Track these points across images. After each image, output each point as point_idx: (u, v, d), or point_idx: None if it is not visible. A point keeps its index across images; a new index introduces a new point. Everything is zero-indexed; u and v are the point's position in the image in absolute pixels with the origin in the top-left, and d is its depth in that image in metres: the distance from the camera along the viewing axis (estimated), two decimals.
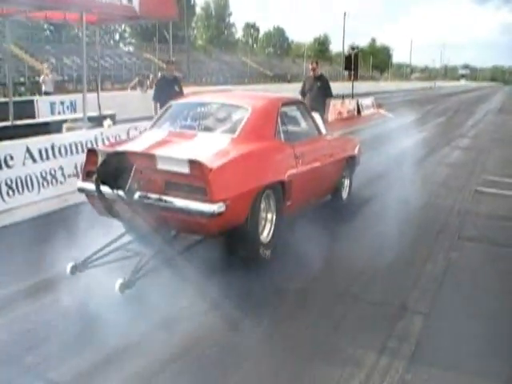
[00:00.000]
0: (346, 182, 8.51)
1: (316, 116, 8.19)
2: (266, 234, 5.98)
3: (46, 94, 20.97)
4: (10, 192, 7.56)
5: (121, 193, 5.10)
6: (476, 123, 24.80)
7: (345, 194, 8.49)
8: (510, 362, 4.19)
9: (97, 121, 10.68)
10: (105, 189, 5.13)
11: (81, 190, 5.83)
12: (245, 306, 4.90)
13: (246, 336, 4.42)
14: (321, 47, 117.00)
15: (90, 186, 5.37)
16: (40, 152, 8.03)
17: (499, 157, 14.50)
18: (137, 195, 5.14)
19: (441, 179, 10.79)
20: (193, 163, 4.92)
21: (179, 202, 5.01)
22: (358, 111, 26.51)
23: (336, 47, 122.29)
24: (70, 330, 4.43)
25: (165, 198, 5.08)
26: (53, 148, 8.20)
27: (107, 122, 9.81)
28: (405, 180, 10.44)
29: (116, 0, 9.66)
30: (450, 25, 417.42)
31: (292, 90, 25.41)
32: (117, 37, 79.13)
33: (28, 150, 7.87)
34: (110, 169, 5.06)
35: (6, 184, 7.52)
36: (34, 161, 7.96)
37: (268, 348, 4.29)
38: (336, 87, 22.56)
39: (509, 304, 5.23)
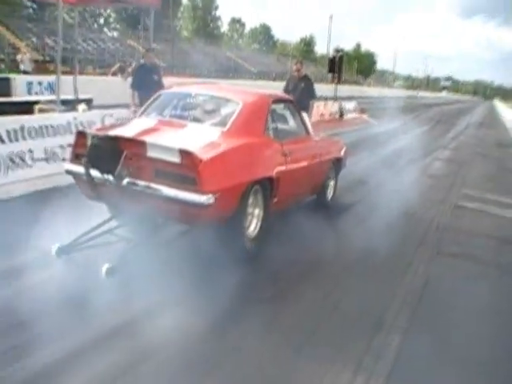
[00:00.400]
0: (332, 183, 8.55)
1: (305, 116, 8.29)
2: (252, 229, 6.02)
3: (25, 73, 20.45)
4: None
5: (110, 177, 5.09)
6: (457, 135, 24.79)
7: (330, 195, 8.53)
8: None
9: (72, 104, 10.25)
10: (94, 172, 5.19)
11: (68, 172, 5.77)
12: (214, 308, 4.62)
13: (211, 345, 4.14)
14: (306, 48, 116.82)
15: (78, 168, 5.42)
16: (8, 133, 7.63)
17: (479, 171, 14.41)
18: (125, 181, 5.09)
19: (421, 191, 10.52)
20: (184, 153, 4.90)
21: (168, 191, 4.97)
22: (341, 114, 26.33)
23: (321, 49, 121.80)
24: (50, 315, 4.25)
25: (153, 185, 5.04)
26: (22, 130, 7.81)
27: (82, 107, 9.44)
28: (385, 189, 10.22)
29: None
30: (436, 36, 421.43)
31: (276, 88, 25.22)
32: (101, 21, 78.04)
33: None
34: (100, 153, 5.11)
35: None
36: (2, 141, 7.58)
37: (233, 360, 4.00)
38: (320, 89, 22.34)
39: (486, 326, 5.01)
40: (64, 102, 10.40)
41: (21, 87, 18.24)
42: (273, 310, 4.78)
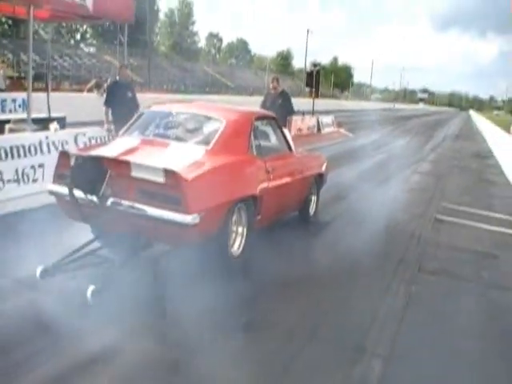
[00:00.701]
0: (314, 199, 8.56)
1: (286, 132, 8.34)
2: (236, 247, 6.02)
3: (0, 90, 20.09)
4: None
5: (94, 198, 5.06)
6: (435, 147, 24.88)
7: (312, 210, 8.54)
8: None
9: (44, 123, 10.01)
10: (77, 193, 5.14)
11: (51, 193, 5.72)
12: (187, 335, 4.41)
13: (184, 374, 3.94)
14: (283, 62, 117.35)
15: (61, 189, 5.39)
16: None
17: (457, 183, 14.41)
18: (109, 201, 5.07)
19: (400, 205, 10.42)
20: (168, 173, 4.87)
21: (152, 211, 4.93)
22: (318, 129, 26.30)
23: (299, 63, 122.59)
24: (35, 339, 4.21)
25: (138, 205, 5.00)
26: None
27: (54, 126, 9.22)
28: (364, 204, 10.13)
29: None
30: (411, 49, 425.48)
31: (254, 103, 25.14)
32: (78, 37, 77.65)
33: None
34: (83, 173, 5.06)
35: None
36: None
37: None
38: (298, 103, 22.29)
39: (471, 346, 4.86)
40: (36, 121, 10.18)
41: None
42: (249, 337, 4.61)
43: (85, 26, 74.31)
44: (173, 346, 4.33)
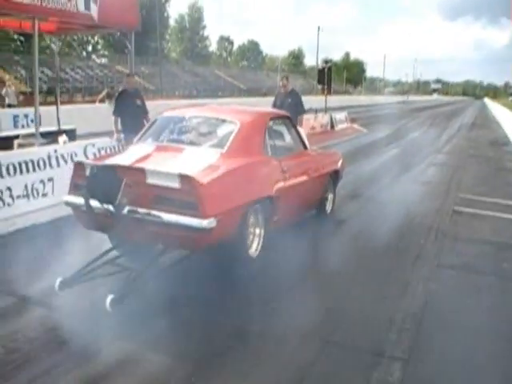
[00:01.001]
0: (330, 196, 8.52)
1: (301, 130, 8.29)
2: (254, 249, 6.00)
3: (10, 106, 20.18)
4: None
5: (110, 207, 5.04)
6: (450, 138, 24.54)
7: (329, 208, 8.50)
8: None
9: (53, 136, 9.97)
10: (94, 203, 5.13)
11: (68, 204, 5.72)
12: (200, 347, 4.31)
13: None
14: (295, 61, 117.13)
15: (78, 199, 5.41)
16: None
17: (475, 174, 14.14)
18: (126, 210, 5.05)
19: (417, 198, 10.28)
20: (183, 178, 4.87)
21: (169, 217, 4.91)
22: (332, 126, 26.11)
23: (310, 61, 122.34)
24: (55, 351, 4.21)
25: (154, 212, 4.98)
26: None
27: (62, 138, 9.17)
28: (378, 200, 10.02)
29: (71, 7, 9.05)
30: (423, 40, 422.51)
31: (267, 104, 25.10)
32: (90, 48, 78.08)
33: None
34: (99, 183, 5.05)
35: None
36: None
37: None
38: (310, 101, 22.27)
39: (495, 344, 4.64)
40: (45, 135, 10.16)
41: (6, 121, 17.92)
42: (264, 342, 4.49)
43: (96, 38, 74.71)
44: (188, 356, 4.24)
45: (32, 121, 18.98)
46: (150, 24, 64.07)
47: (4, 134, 11.62)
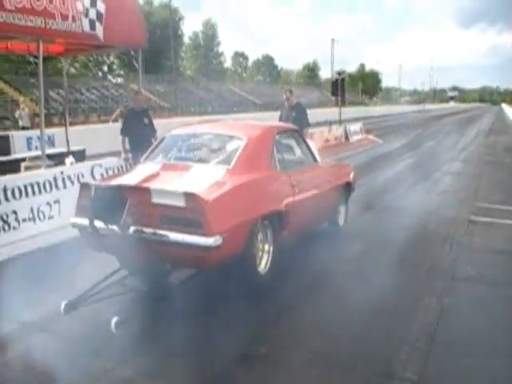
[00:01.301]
0: (343, 209, 8.38)
1: (311, 143, 8.18)
2: (263, 265, 5.87)
3: (23, 128, 20.27)
4: None
5: (115, 228, 4.98)
6: (466, 146, 24.20)
7: (341, 221, 8.34)
8: None
9: (61, 158, 9.92)
10: (99, 224, 5.10)
11: (74, 226, 5.69)
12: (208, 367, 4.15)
13: None
14: (310, 73, 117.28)
15: (84, 221, 5.35)
16: None
17: (491, 181, 13.84)
18: (131, 230, 4.99)
19: (432, 208, 10.06)
20: (188, 196, 4.82)
21: (175, 236, 4.85)
22: (346, 137, 25.93)
23: (326, 73, 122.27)
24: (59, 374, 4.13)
25: (160, 232, 4.92)
26: (5, 190, 7.41)
27: (69, 160, 9.11)
28: (392, 211, 9.83)
29: (76, 27, 9.02)
30: (438, 48, 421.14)
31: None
32: (105, 69, 78.76)
33: None
34: (103, 203, 5.03)
35: None
36: None
37: None
38: (325, 113, 22.12)
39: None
40: (54, 156, 10.13)
41: (20, 143, 18.01)
42: (267, 367, 4.32)
43: (111, 58, 75.46)
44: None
45: (45, 142, 19.15)
46: (165, 42, 64.68)
47: (12, 157, 11.53)
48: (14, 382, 4.15)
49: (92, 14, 9.34)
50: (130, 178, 5.80)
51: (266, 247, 5.93)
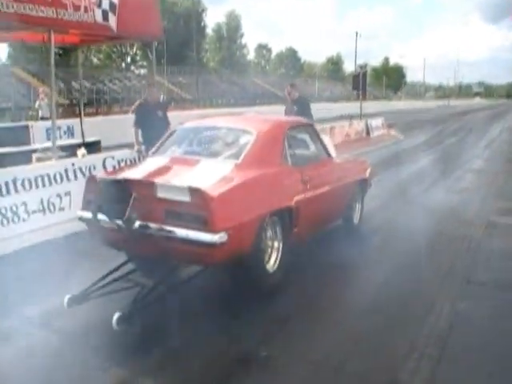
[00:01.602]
0: (358, 206, 8.17)
1: (325, 138, 7.94)
2: (272, 263, 5.70)
3: (43, 119, 20.22)
4: None
5: (119, 222, 4.89)
6: (490, 143, 23.72)
7: (356, 219, 8.15)
8: None
9: (74, 149, 9.83)
10: (102, 218, 5.04)
11: (81, 219, 5.65)
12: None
13: None
14: (333, 67, 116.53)
15: (89, 214, 5.28)
16: None
17: None
18: (136, 224, 4.90)
19: (451, 208, 9.78)
20: (193, 191, 4.74)
21: (179, 232, 4.75)
22: (367, 132, 25.61)
23: (349, 67, 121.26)
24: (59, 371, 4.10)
25: (166, 227, 4.81)
26: (14, 182, 7.33)
27: (81, 152, 9.01)
28: (410, 210, 9.57)
29: (88, 18, 8.90)
30: (464, 43, 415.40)
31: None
32: (128, 60, 78.94)
33: None
34: (107, 197, 4.97)
35: None
36: None
37: None
38: (347, 107, 21.82)
39: None
40: (67, 148, 10.06)
41: (40, 133, 17.99)
42: (269, 371, 4.16)
43: (134, 49, 75.61)
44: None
45: (65, 133, 19.14)
46: (188, 34, 64.60)
47: (23, 148, 11.48)
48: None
49: (105, 4, 9.21)
50: (137, 172, 5.73)
51: (276, 244, 5.77)
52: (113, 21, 9.40)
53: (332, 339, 4.68)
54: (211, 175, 5.31)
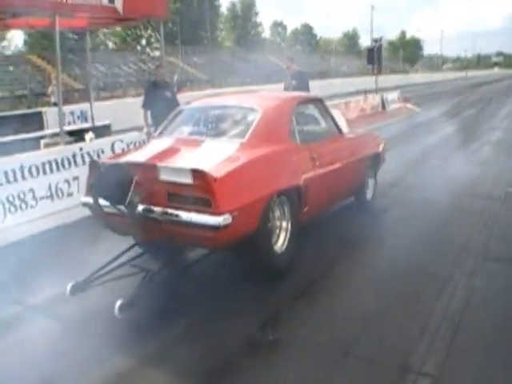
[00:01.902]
0: (371, 182, 8.02)
1: (336, 114, 7.74)
2: (280, 244, 5.55)
3: (55, 104, 20.19)
4: None
5: (121, 207, 4.78)
6: (508, 114, 23.26)
7: (369, 195, 7.99)
8: None
9: (81, 134, 9.76)
10: (104, 203, 4.94)
11: (84, 205, 5.54)
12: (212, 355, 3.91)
13: None
14: (349, 42, 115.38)
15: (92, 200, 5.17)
16: (6, 174, 7.12)
17: None
18: (139, 208, 4.80)
19: (467, 180, 9.56)
20: (196, 173, 4.59)
21: (183, 215, 4.64)
22: (383, 106, 25.24)
23: (366, 41, 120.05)
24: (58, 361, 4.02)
25: (169, 211, 4.71)
26: (22, 169, 7.28)
27: (89, 136, 8.93)
28: (425, 184, 9.40)
29: (94, 0, 8.76)
30: (482, 13, 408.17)
31: (318, 86, 24.60)
32: (143, 42, 78.68)
33: None
34: (107, 182, 4.81)
35: None
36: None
37: None
38: (364, 82, 21.50)
39: None
40: (77, 132, 9.99)
41: (53, 119, 17.94)
42: (278, 354, 4.04)
43: (148, 31, 75.38)
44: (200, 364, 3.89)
45: (78, 117, 19.10)
46: (202, 14, 64.13)
47: (32, 134, 11.43)
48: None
49: None
50: (140, 155, 5.60)
51: (284, 224, 5.61)
52: (119, 2, 9.29)
53: (340, 320, 4.56)
54: (215, 156, 5.18)
